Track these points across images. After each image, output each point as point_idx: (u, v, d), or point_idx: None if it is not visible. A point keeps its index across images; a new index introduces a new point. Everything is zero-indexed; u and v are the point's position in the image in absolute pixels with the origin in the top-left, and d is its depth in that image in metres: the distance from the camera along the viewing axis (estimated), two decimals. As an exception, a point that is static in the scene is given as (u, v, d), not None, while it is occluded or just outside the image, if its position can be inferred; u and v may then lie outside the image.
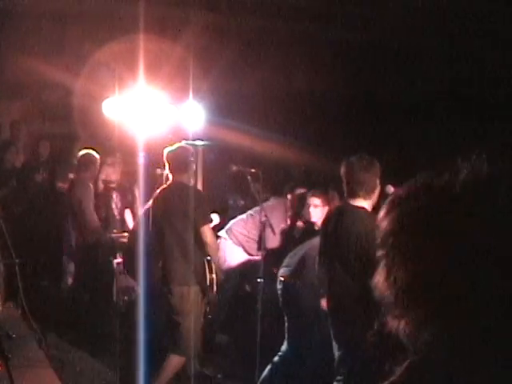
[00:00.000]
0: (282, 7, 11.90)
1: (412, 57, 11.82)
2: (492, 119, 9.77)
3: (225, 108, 9.41)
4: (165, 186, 6.39)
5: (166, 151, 6.38)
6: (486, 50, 10.76)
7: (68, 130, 11.86)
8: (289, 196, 8.04)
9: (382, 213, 1.57)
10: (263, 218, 6.95)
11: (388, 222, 1.56)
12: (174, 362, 6.24)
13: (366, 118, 11.71)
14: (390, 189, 5.62)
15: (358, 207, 5.14)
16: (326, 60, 12.18)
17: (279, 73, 12.05)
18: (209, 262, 6.20)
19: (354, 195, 5.16)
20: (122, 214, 8.89)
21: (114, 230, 8.24)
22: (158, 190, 6.40)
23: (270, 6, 11.88)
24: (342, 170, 5.25)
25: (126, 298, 7.15)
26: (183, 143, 6.73)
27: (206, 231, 6.04)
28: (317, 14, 12.11)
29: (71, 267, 9.27)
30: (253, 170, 7.36)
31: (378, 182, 5.18)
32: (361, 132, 10.97)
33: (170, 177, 6.33)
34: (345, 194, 5.30)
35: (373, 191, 5.16)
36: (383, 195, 5.31)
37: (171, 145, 6.57)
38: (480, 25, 10.74)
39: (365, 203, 5.14)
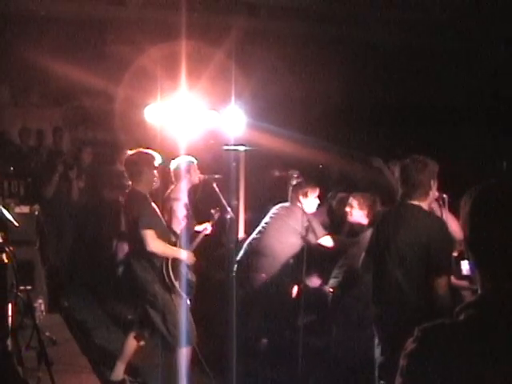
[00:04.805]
0: (321, 12, 11.85)
1: (455, 61, 11.71)
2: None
3: (266, 113, 9.36)
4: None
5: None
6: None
7: (110, 136, 11.94)
8: (333, 202, 8.03)
9: None
10: (305, 223, 6.88)
11: None
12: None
13: (407, 123, 11.62)
14: (435, 194, 5.51)
15: (417, 206, 5.08)
16: (367, 64, 12.10)
17: (320, 77, 11.98)
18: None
19: (410, 197, 5.10)
20: None
21: None
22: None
23: (310, 11, 11.83)
24: (397, 172, 5.19)
25: None
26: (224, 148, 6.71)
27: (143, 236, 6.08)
28: (357, 18, 12.04)
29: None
30: (295, 175, 7.33)
31: (432, 182, 5.10)
32: (401, 137, 10.87)
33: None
34: (399, 196, 5.24)
35: (428, 192, 5.10)
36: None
37: (212, 150, 6.58)
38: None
39: (421, 204, 5.09)
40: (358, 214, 7.03)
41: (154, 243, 6.07)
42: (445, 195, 5.49)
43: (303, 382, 6.49)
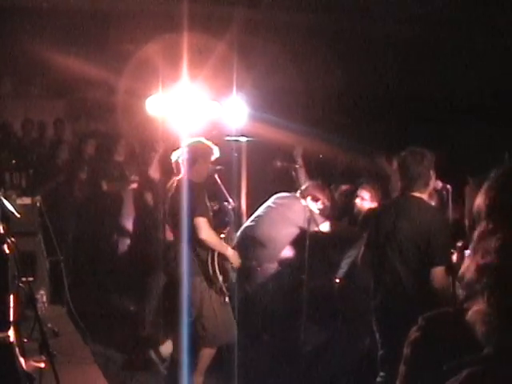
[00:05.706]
0: (323, 2, 11.82)
1: (460, 55, 11.66)
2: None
3: (268, 104, 9.34)
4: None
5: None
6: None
7: (112, 128, 11.94)
8: (336, 194, 8.01)
9: (478, 197, 1.54)
10: (307, 214, 6.87)
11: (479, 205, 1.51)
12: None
13: (411, 116, 11.59)
14: (438, 184, 5.51)
15: (418, 197, 5.10)
16: (370, 56, 12.07)
17: (322, 68, 11.96)
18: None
19: (410, 189, 5.11)
20: None
21: None
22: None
23: (311, 2, 11.80)
24: (395, 164, 5.23)
25: None
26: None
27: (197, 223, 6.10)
28: (359, 9, 12.01)
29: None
30: (297, 166, 7.31)
31: (431, 173, 5.13)
32: (404, 130, 10.85)
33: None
34: (399, 188, 5.26)
35: (427, 183, 5.14)
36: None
37: (214, 141, 6.59)
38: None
39: (422, 195, 5.11)
40: (368, 206, 6.97)
41: (207, 231, 6.10)
42: (449, 186, 5.50)
43: (305, 377, 6.48)
